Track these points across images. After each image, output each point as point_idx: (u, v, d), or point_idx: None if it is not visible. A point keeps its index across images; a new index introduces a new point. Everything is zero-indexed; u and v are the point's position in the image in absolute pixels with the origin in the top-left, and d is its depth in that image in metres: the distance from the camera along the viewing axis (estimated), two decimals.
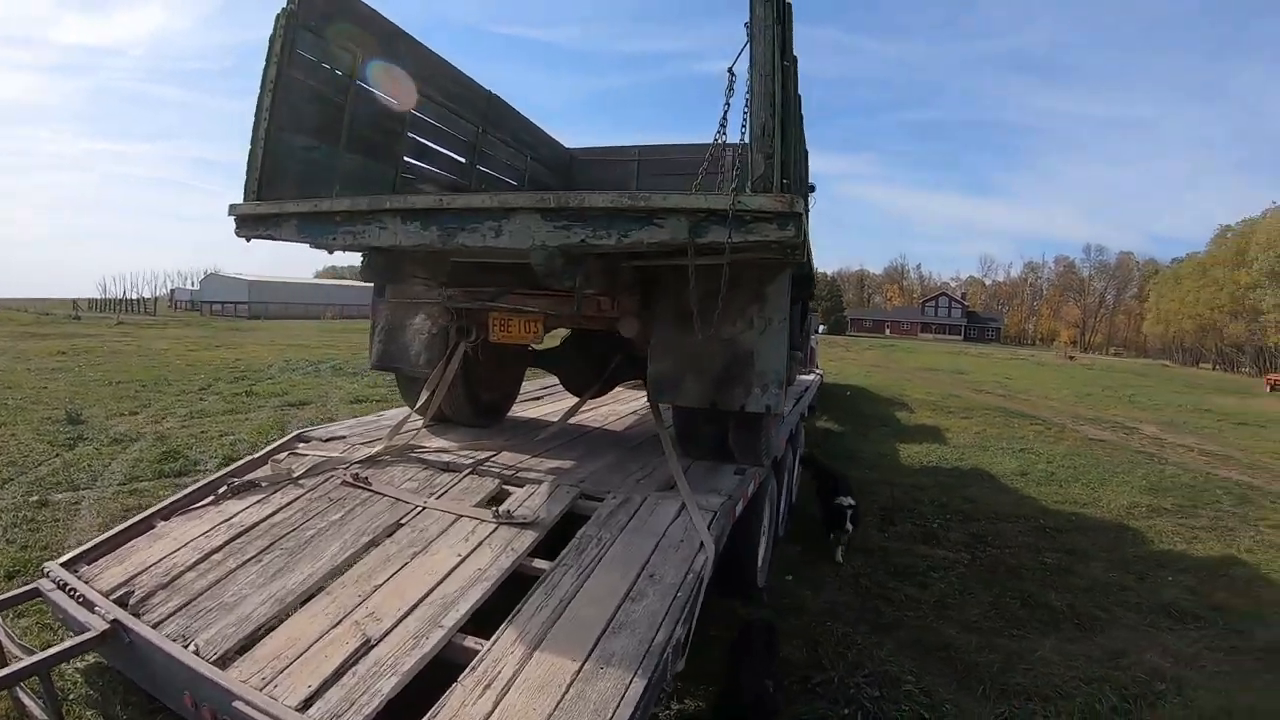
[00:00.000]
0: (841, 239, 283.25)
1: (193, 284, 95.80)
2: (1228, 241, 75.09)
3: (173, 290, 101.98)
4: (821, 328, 45.53)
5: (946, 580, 6.89)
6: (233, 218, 5.06)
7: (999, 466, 12.77)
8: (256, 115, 4.98)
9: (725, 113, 4.52)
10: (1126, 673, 5.45)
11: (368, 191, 5.72)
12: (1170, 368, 70.04)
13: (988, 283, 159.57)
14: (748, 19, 4.02)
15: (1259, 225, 66.69)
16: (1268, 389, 42.70)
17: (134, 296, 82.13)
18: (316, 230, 4.82)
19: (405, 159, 6.50)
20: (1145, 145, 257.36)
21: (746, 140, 4.28)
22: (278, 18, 4.93)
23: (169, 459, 8.83)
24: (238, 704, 3.10)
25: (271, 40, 4.94)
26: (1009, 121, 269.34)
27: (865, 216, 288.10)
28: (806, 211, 9.27)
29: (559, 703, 3.07)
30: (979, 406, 21.48)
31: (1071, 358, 74.30)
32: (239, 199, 4.99)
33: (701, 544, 4.26)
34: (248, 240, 5.10)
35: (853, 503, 6.94)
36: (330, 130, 5.56)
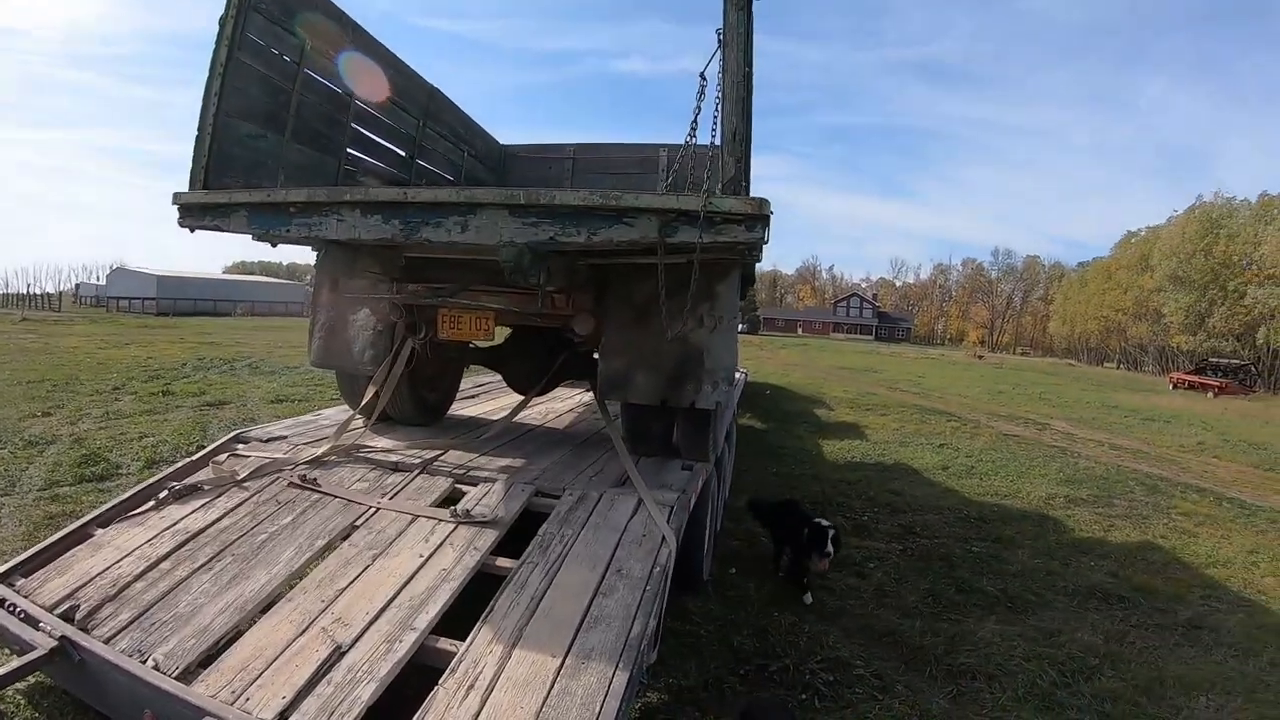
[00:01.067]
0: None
1: (98, 279, 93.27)
2: (1132, 246, 77.32)
3: (78, 285, 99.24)
4: (742, 326, 45.95)
5: (883, 569, 7.03)
6: (177, 206, 4.88)
7: (921, 461, 13.03)
8: (205, 100, 4.85)
9: (696, 115, 4.56)
10: (1062, 650, 5.70)
11: (311, 182, 5.63)
12: (1077, 366, 71.81)
13: (898, 284, 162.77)
14: (720, 26, 4.05)
15: (1162, 232, 68.60)
16: (1171, 387, 44.16)
17: (38, 292, 79.70)
18: (268, 221, 4.70)
19: (348, 150, 6.41)
20: (1053, 152, 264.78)
21: (710, 143, 4.33)
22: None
23: (89, 462, 8.52)
24: None
25: (222, 21, 4.81)
26: (920, 127, 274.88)
27: (778, 217, 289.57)
28: None
29: (545, 699, 3.06)
30: (895, 404, 21.84)
31: (980, 357, 75.88)
32: (145, 188, 4.91)
33: (663, 538, 4.28)
34: (191, 231, 4.95)
35: (832, 525, 6.48)
36: (277, 118, 5.46)
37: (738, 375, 15.00)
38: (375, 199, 4.46)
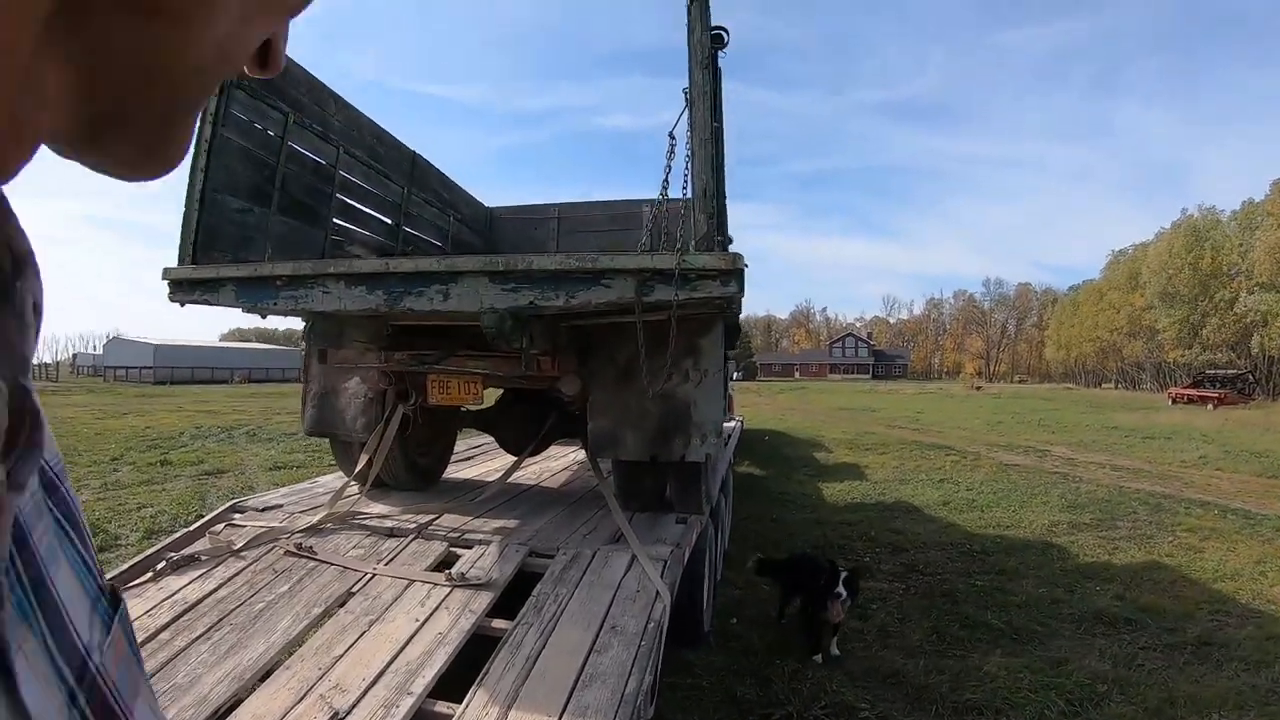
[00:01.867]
0: (746, 287, 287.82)
1: (95, 348, 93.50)
2: (1121, 266, 77.76)
3: (75, 355, 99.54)
4: (736, 374, 45.95)
5: (886, 609, 6.97)
6: (166, 282, 4.98)
7: (921, 497, 13.00)
8: (191, 176, 4.92)
9: (667, 174, 4.62)
10: (1070, 678, 5.62)
11: (298, 254, 5.70)
12: (1075, 390, 72.01)
13: (892, 321, 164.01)
14: (686, 85, 4.13)
15: (1150, 250, 68.87)
16: (1170, 402, 44.26)
17: (35, 361, 79.63)
18: (256, 295, 4.80)
19: (335, 220, 6.49)
20: (1035, 180, 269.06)
21: (682, 198, 4.39)
22: None
23: None
24: None
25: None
26: (901, 166, 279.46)
27: (767, 264, 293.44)
28: None
29: None
30: (894, 441, 21.91)
31: (978, 388, 76.03)
32: (135, 256, 5.00)
33: (657, 593, 4.29)
34: (182, 305, 5.03)
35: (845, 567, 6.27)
36: (262, 192, 5.53)
37: (733, 423, 15.00)
38: (358, 270, 4.56)
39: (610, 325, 4.81)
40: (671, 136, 4.57)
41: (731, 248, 10.89)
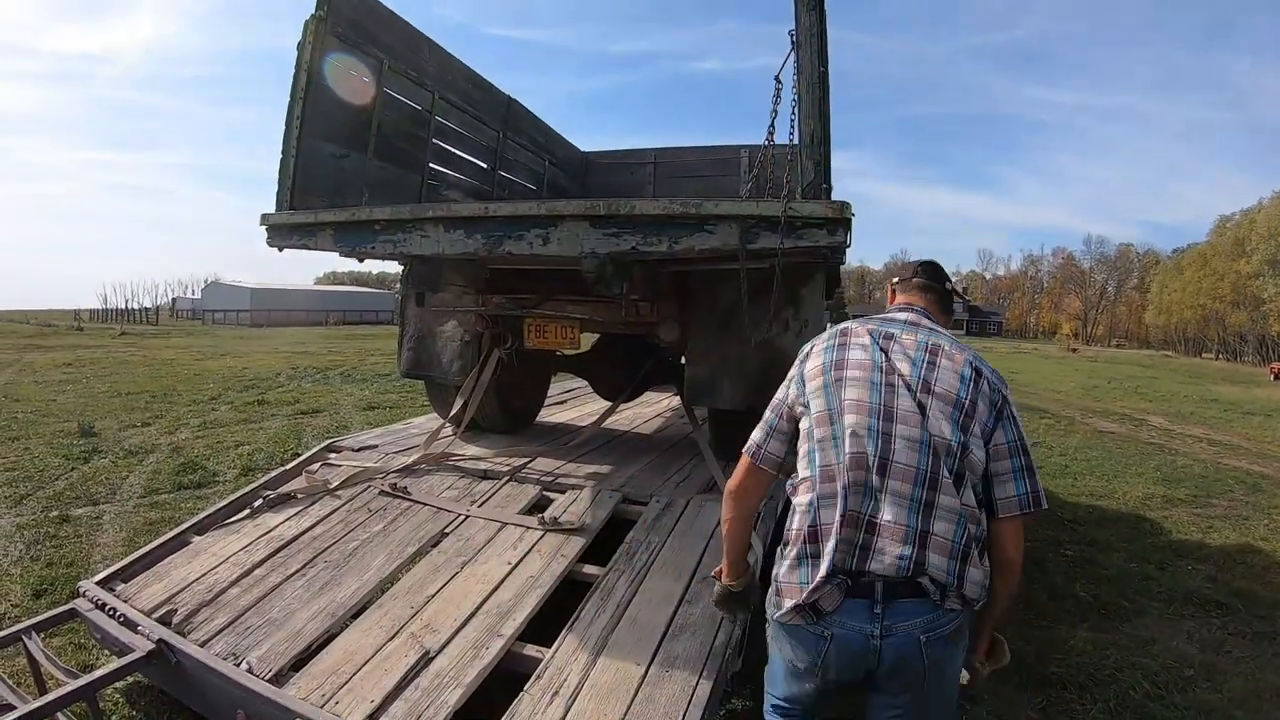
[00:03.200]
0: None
1: (194, 293, 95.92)
2: (1227, 231, 75.44)
3: (174, 299, 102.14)
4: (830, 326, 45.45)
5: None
6: (264, 227, 5.06)
7: None
8: (288, 124, 4.97)
9: (773, 119, 4.54)
10: (1156, 660, 5.50)
11: (395, 199, 5.75)
12: (1174, 358, 70.11)
13: (988, 277, 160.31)
14: (792, 27, 4.04)
15: (1258, 215, 66.77)
16: (1272, 377, 42.82)
17: (135, 306, 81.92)
18: (354, 239, 4.85)
19: (430, 165, 6.52)
20: (1141, 136, 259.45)
21: (788, 146, 4.31)
22: (306, 24, 4.93)
23: (187, 471, 8.81)
24: None
25: (300, 47, 4.94)
26: (1002, 115, 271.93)
27: (862, 213, 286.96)
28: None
29: (629, 706, 3.09)
30: None
31: (1074, 350, 74.55)
32: (236, 206, 5.10)
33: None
34: (280, 250, 5.12)
35: None
36: (358, 138, 5.57)
37: None
38: (457, 214, 4.56)
39: (711, 272, 4.76)
40: (778, 80, 4.47)
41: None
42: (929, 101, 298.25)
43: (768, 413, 2.84)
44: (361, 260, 5.43)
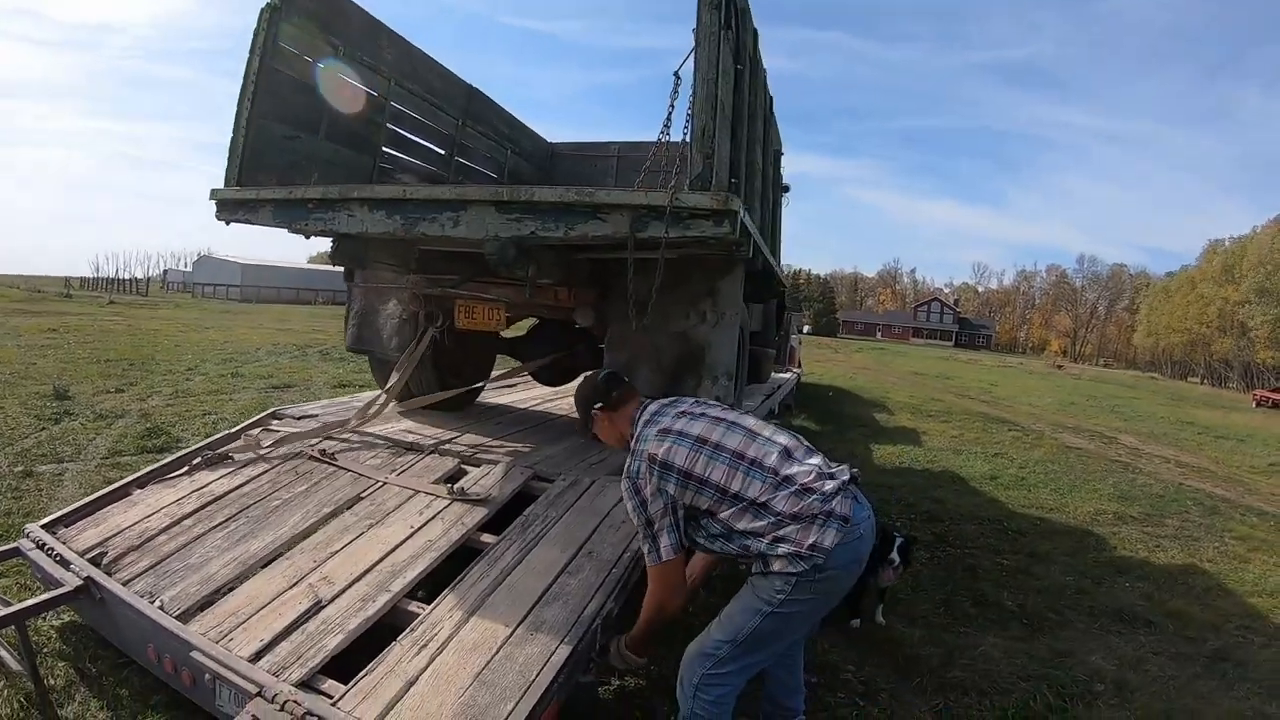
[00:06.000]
0: (836, 241, 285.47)
1: (185, 266, 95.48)
2: (1216, 257, 75.49)
3: (165, 271, 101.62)
4: (806, 328, 45.42)
5: (901, 578, 6.72)
6: (213, 201, 5.32)
7: (970, 470, 12.88)
8: (239, 105, 5.22)
9: (669, 114, 4.73)
10: (1068, 673, 5.50)
11: (346, 180, 5.93)
12: (1159, 380, 70.14)
13: (980, 290, 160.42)
14: (695, 26, 4.22)
15: (1250, 242, 66.93)
16: (1254, 404, 42.89)
17: (126, 276, 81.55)
18: (290, 216, 5.10)
19: (384, 149, 6.72)
20: (1141, 160, 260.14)
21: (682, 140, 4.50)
22: (261, 11, 5.16)
23: (152, 435, 9.01)
24: (195, 654, 3.33)
25: (255, 33, 5.19)
26: (1005, 131, 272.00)
27: (860, 220, 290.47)
28: (776, 209, 9.35)
29: (488, 662, 3.29)
30: (960, 411, 21.65)
31: (1060, 366, 74.66)
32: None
33: None
34: (227, 223, 5.39)
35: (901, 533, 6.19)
36: (310, 120, 5.79)
37: (788, 375, 14.90)
38: (379, 196, 4.80)
39: (631, 261, 4.93)
40: (677, 77, 4.65)
41: (787, 196, 10.90)
42: (933, 114, 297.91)
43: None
44: (307, 237, 5.61)
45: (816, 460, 3.43)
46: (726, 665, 3.37)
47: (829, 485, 3.30)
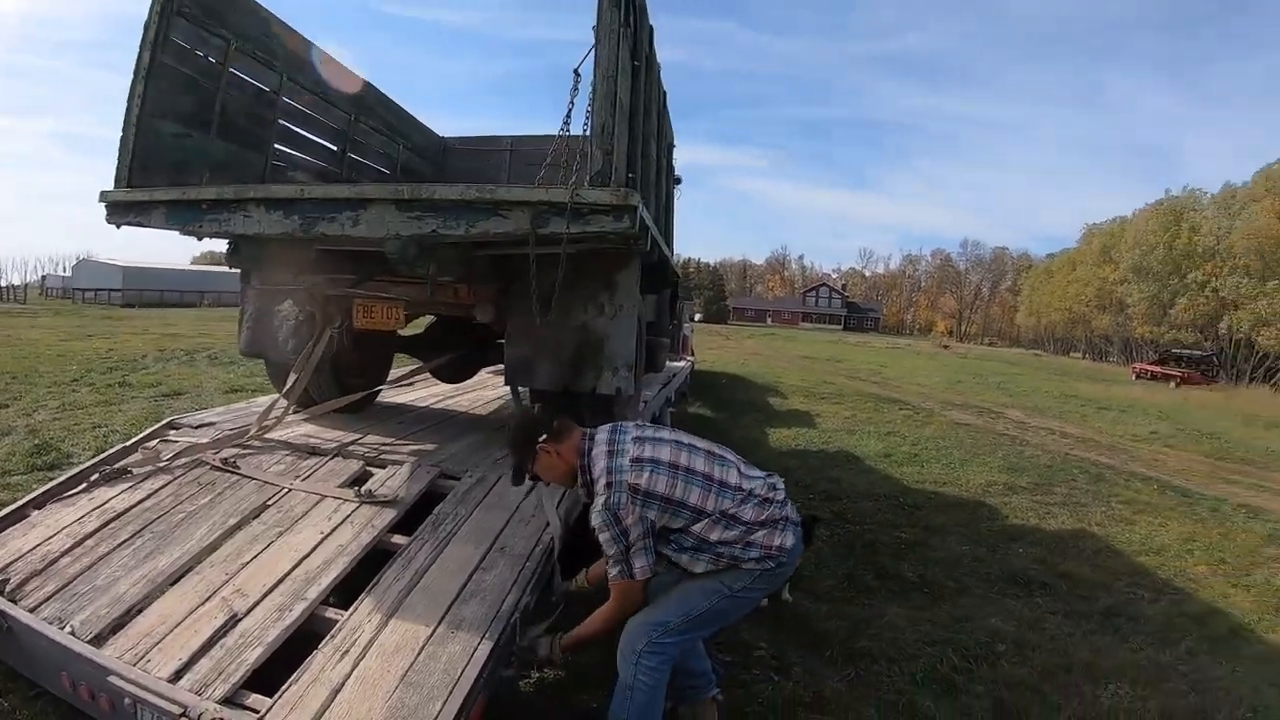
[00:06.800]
0: (724, 229, 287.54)
1: (65, 270, 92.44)
2: (1095, 239, 77.84)
3: (44, 277, 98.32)
4: (697, 316, 45.72)
5: (804, 556, 6.98)
6: (104, 204, 5.14)
7: (864, 449, 13.13)
8: (129, 102, 5.06)
9: (569, 111, 4.76)
10: (970, 636, 5.72)
11: (238, 179, 5.79)
12: (1042, 357, 72.34)
13: (867, 274, 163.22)
14: (595, 22, 4.27)
15: (1128, 225, 69.07)
16: (1133, 377, 44.47)
17: (3, 284, 78.75)
18: (184, 218, 4.97)
19: (276, 146, 6.60)
20: (1023, 146, 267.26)
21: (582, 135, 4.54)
22: (153, 4, 5.01)
23: (41, 452, 8.64)
24: (112, 679, 3.23)
25: (146, 26, 5.03)
26: (891, 120, 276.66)
27: (749, 208, 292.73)
28: (670, 202, 9.40)
29: (412, 663, 3.29)
30: (851, 393, 22.04)
31: (946, 346, 76.55)
32: (109, 180, 5.07)
33: (551, 517, 4.51)
34: (118, 227, 5.20)
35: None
36: (201, 117, 5.65)
37: (683, 364, 15.03)
38: (276, 195, 4.73)
39: (529, 257, 4.94)
40: (577, 74, 4.68)
41: (679, 188, 10.96)
42: (822, 104, 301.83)
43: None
44: (200, 239, 5.50)
45: (758, 473, 3.80)
46: (673, 636, 3.59)
47: (779, 494, 3.73)
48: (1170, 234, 58.07)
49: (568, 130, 4.77)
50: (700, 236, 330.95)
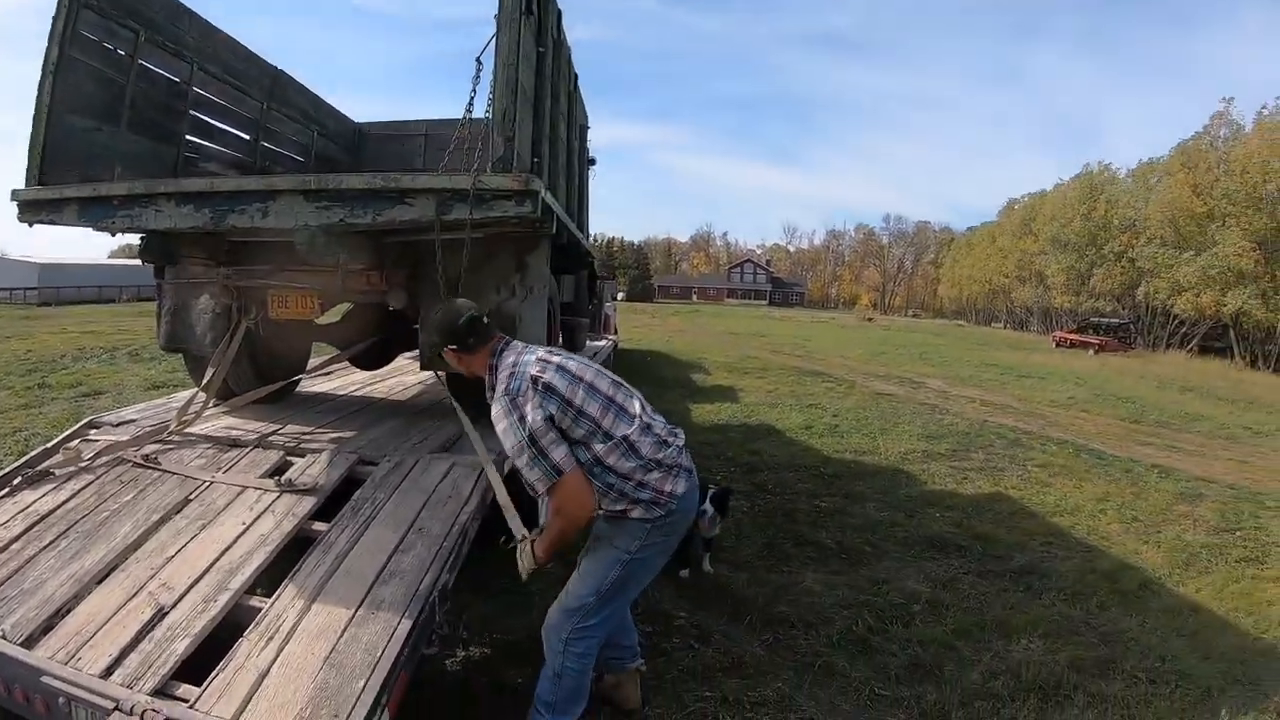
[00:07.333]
0: (649, 207, 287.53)
1: None
2: (1014, 212, 79.11)
3: None
4: (620, 295, 45.69)
5: (724, 526, 6.90)
6: (15, 203, 5.14)
7: (786, 421, 13.33)
8: (38, 98, 5.03)
9: (472, 98, 4.83)
10: (885, 598, 5.94)
11: (150, 172, 5.81)
12: (965, 327, 73.66)
13: (792, 249, 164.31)
14: (497, 11, 4.37)
15: (1046, 199, 70.18)
16: (1053, 345, 45.45)
17: None
18: (96, 214, 4.98)
19: (188, 138, 6.59)
20: (946, 121, 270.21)
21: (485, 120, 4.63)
22: None
23: None
24: (45, 679, 3.27)
25: (55, 19, 4.99)
26: (816, 96, 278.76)
27: (673, 186, 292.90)
28: (583, 183, 9.51)
29: (334, 646, 3.38)
30: (775, 367, 22.37)
31: (870, 319, 77.22)
32: (18, 177, 5.06)
33: (468, 498, 4.59)
34: (30, 225, 5.21)
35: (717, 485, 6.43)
36: (112, 111, 5.63)
37: (603, 343, 15.12)
38: (186, 189, 4.77)
39: (440, 242, 5.00)
40: (478, 62, 4.76)
41: (593, 169, 11.05)
42: (746, 80, 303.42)
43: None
44: (114, 234, 5.50)
45: (661, 417, 3.89)
46: (592, 617, 3.67)
47: (679, 440, 3.83)
48: (1087, 206, 59.02)
49: (470, 117, 4.84)
50: (624, 215, 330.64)
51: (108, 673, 3.32)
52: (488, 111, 4.57)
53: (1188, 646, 5.49)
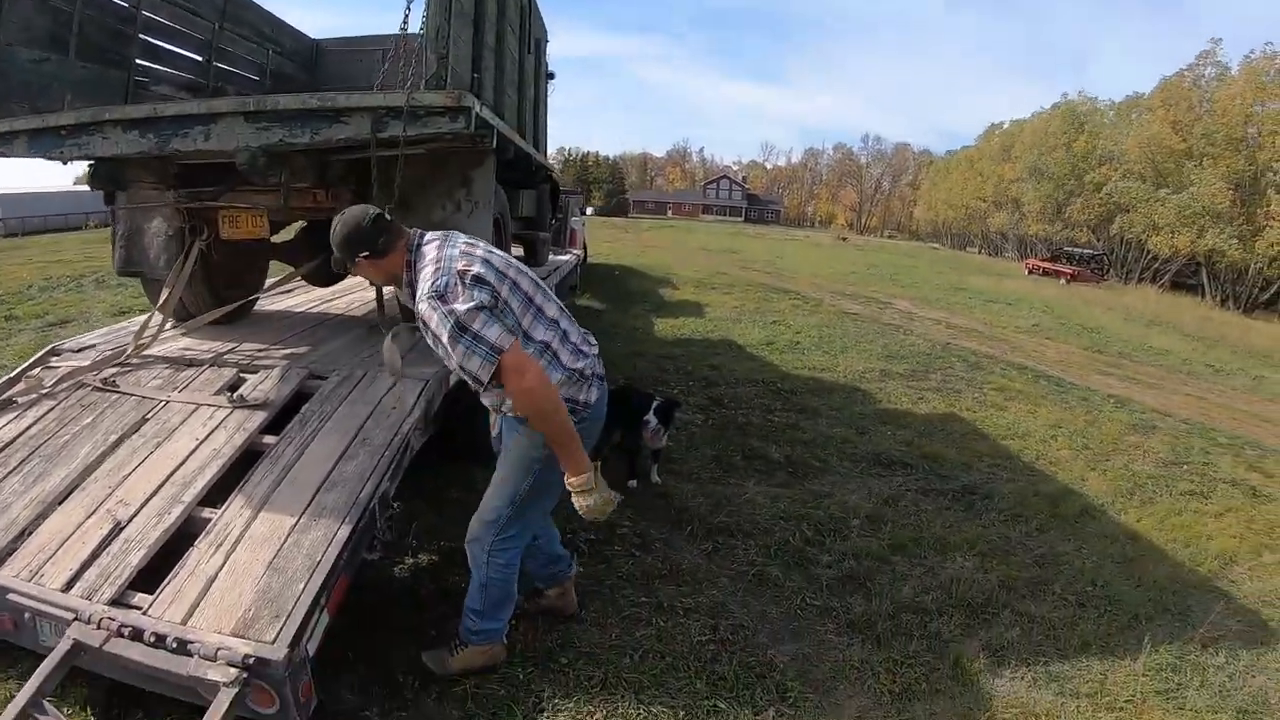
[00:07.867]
0: (626, 120, 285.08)
1: None
2: (995, 138, 78.87)
3: None
4: (590, 210, 45.31)
5: (676, 438, 7.24)
6: None
7: (748, 337, 13.52)
8: None
9: (406, 14, 4.88)
10: (826, 511, 6.09)
11: (101, 100, 5.80)
12: (939, 251, 73.69)
13: (769, 167, 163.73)
14: None
15: (1026, 126, 69.94)
16: (1026, 272, 45.58)
17: None
18: (45, 145, 5.02)
19: (138, 62, 6.55)
20: (933, 43, 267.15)
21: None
22: None
23: None
24: (11, 596, 3.47)
25: None
26: (799, 11, 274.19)
27: (649, 99, 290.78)
28: (539, 97, 9.51)
29: (278, 551, 3.57)
30: (743, 283, 22.40)
31: (844, 239, 77.29)
32: None
33: (411, 409, 4.71)
34: None
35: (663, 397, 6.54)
36: (59, 39, 5.60)
37: (567, 257, 15.18)
38: (130, 116, 4.81)
39: (388, 157, 4.91)
40: None
41: (552, 83, 11.02)
42: None
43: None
44: (65, 164, 5.58)
45: (575, 324, 3.80)
46: (511, 528, 3.77)
47: (594, 349, 3.81)
48: (1068, 135, 58.92)
49: (405, 31, 4.89)
50: (600, 128, 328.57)
51: (68, 586, 3.50)
52: (422, 28, 4.60)
53: (1121, 573, 5.66)
